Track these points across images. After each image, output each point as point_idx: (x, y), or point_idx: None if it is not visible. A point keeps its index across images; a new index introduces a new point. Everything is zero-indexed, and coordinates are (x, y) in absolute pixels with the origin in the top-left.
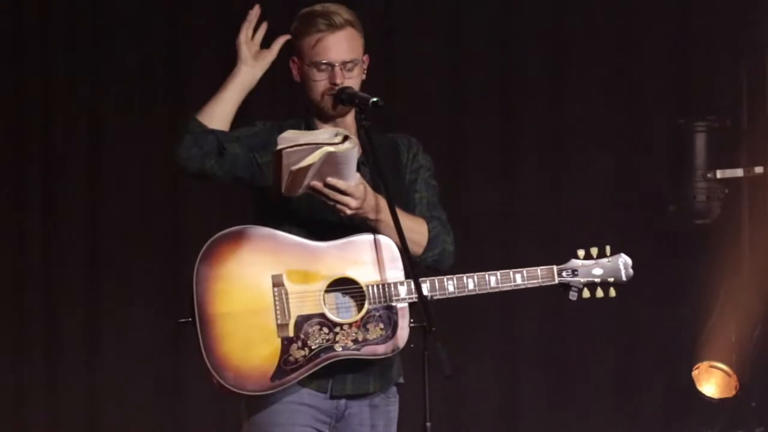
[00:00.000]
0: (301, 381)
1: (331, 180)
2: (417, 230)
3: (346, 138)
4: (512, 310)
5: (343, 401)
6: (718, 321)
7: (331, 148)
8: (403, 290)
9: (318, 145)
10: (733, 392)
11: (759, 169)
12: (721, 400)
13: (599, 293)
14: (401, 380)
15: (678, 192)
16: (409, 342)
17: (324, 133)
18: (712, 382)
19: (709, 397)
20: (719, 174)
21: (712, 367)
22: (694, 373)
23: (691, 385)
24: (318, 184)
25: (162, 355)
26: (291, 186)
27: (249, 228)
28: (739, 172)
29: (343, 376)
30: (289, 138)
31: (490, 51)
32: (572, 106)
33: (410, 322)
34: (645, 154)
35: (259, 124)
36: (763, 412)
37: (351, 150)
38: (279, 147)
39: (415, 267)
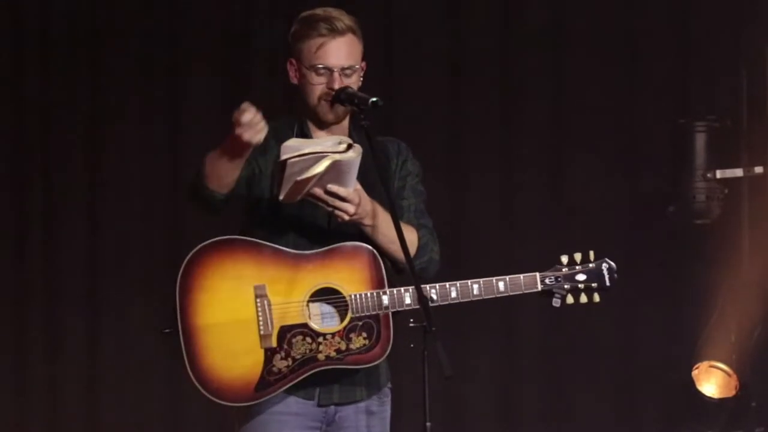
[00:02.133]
0: (287, 390)
1: (332, 187)
2: (408, 238)
3: (350, 146)
4: (512, 310)
5: (332, 407)
6: (718, 321)
7: (337, 157)
8: (386, 299)
9: (322, 154)
10: (733, 392)
11: (759, 169)
12: (721, 400)
13: (583, 299)
14: (389, 385)
15: (678, 192)
16: (409, 342)
17: (327, 141)
18: (712, 382)
19: (709, 397)
20: (719, 174)
21: (712, 367)
22: (694, 373)
23: (691, 385)
24: (319, 191)
25: (162, 355)
26: (291, 194)
27: (231, 239)
28: (739, 172)
29: (329, 385)
30: (293, 147)
31: (490, 50)
32: (572, 105)
33: (410, 322)
34: (645, 154)
35: None
36: (763, 412)
37: (355, 159)
38: (283, 157)
39: (401, 274)
